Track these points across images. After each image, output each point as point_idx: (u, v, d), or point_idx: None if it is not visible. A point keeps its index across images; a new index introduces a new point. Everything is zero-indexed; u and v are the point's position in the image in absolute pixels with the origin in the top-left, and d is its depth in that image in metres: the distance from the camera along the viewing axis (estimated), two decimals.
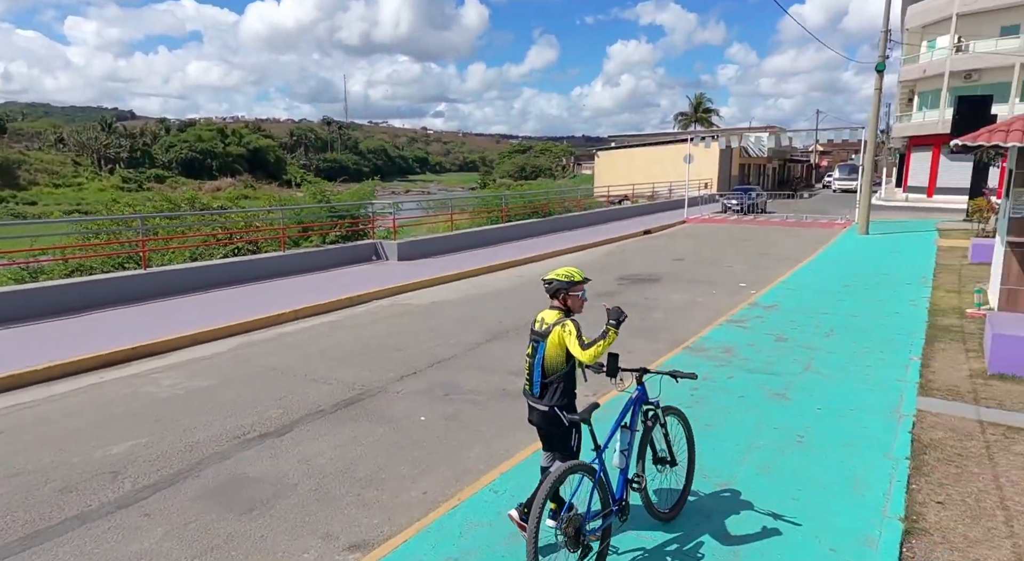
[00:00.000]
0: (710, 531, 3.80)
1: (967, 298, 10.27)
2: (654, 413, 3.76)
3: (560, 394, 3.46)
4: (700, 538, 3.73)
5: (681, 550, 3.64)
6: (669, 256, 17.10)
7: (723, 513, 4.00)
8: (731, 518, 3.93)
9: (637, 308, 10.58)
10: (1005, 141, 7.88)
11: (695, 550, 3.62)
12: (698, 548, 3.64)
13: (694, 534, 3.78)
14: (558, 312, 3.53)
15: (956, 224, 23.66)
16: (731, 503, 4.12)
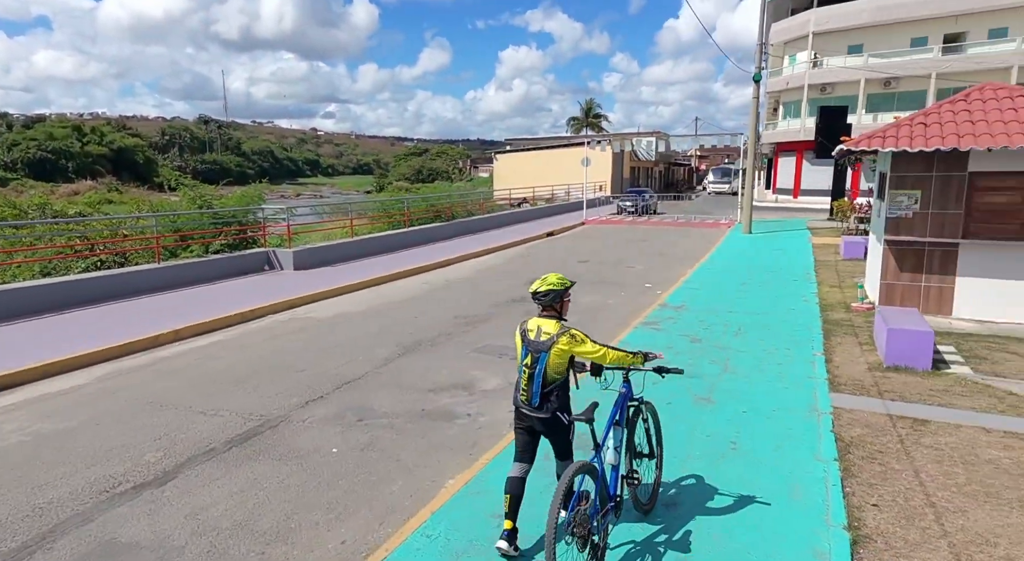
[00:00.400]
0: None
1: (849, 292, 11.09)
2: (636, 408, 3.88)
3: (558, 399, 3.50)
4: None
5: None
6: (574, 258, 17.24)
7: (670, 535, 3.80)
8: (680, 540, 3.73)
9: None
10: (883, 147, 8.50)
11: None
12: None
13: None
14: (555, 321, 3.56)
15: (822, 223, 25.99)
16: (677, 525, 3.93)
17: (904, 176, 8.98)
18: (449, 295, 12.17)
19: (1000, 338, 7.86)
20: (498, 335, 9.04)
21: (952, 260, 8.84)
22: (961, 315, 8.86)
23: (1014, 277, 8.50)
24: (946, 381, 6.30)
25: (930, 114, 8.89)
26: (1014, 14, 36.67)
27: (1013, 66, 36.06)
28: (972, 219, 8.69)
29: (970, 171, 8.59)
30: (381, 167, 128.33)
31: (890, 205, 9.11)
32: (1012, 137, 7.88)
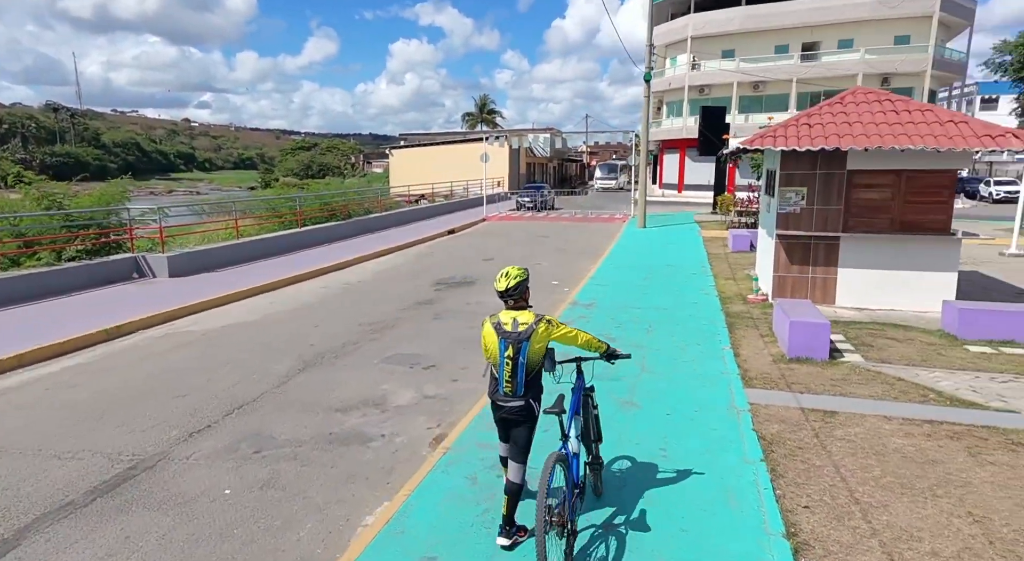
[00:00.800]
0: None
1: (743, 284, 11.66)
2: (587, 396, 4.04)
3: (535, 387, 3.65)
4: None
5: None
6: (478, 256, 16.93)
7: (612, 556, 3.58)
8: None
9: (462, 316, 10.02)
10: (775, 146, 8.90)
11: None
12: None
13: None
14: (528, 311, 3.68)
15: (707, 216, 27.58)
16: (617, 546, 3.72)
17: (792, 174, 9.50)
18: (351, 299, 11.41)
19: (879, 324, 8.51)
20: (408, 342, 8.52)
21: (834, 252, 9.49)
22: (843, 304, 9.54)
23: (885, 267, 9.26)
24: (843, 370, 6.65)
25: (812, 115, 9.46)
26: (858, 27, 40.96)
27: (858, 74, 40.28)
28: (850, 214, 9.36)
29: (848, 169, 9.23)
30: (266, 162, 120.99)
31: (780, 201, 9.61)
32: (884, 138, 8.53)
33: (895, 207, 9.15)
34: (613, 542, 3.76)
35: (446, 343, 8.47)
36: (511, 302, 3.69)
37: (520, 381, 3.55)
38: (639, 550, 3.67)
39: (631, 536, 3.81)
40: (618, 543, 3.74)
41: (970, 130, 8.35)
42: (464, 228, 24.77)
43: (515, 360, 3.53)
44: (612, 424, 5.42)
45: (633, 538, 3.79)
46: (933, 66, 39.19)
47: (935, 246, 9.01)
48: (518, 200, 32.88)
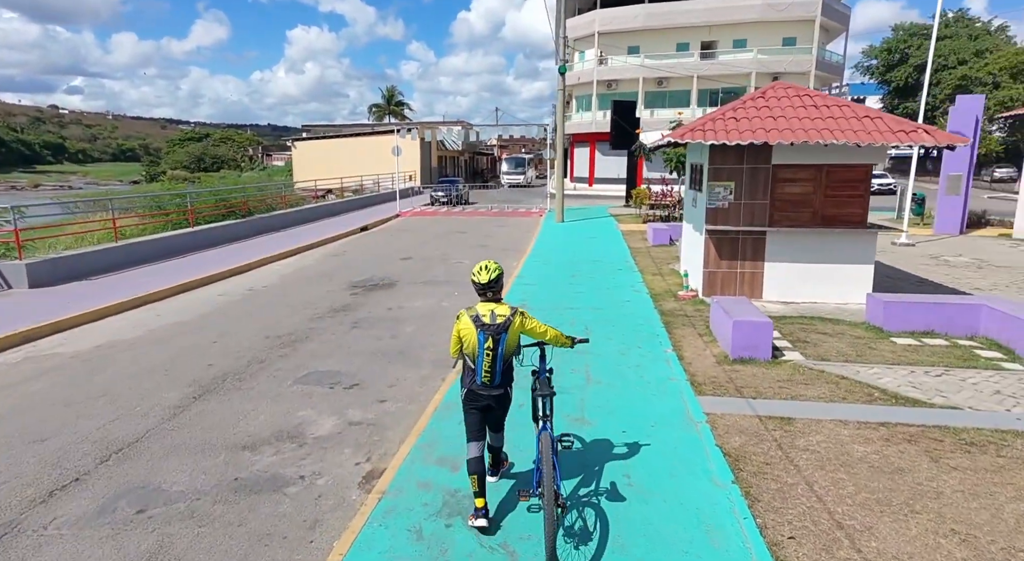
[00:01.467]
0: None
1: (671, 280, 11.59)
2: (549, 379, 3.98)
3: (510, 375, 3.87)
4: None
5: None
6: (396, 255, 15.98)
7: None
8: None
9: (385, 323, 9.17)
10: (705, 139, 8.74)
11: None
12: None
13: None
14: (503, 304, 3.83)
15: (621, 209, 27.95)
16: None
17: (720, 168, 9.42)
18: (256, 307, 10.21)
19: (807, 318, 8.59)
20: (325, 357, 7.60)
21: (761, 247, 9.52)
22: (770, 298, 9.61)
23: (808, 261, 9.40)
24: (786, 370, 6.53)
25: (738, 109, 9.42)
26: (750, 28, 43.21)
27: (752, 72, 42.54)
28: (776, 209, 9.41)
29: (773, 164, 9.26)
30: (151, 153, 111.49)
31: (708, 196, 9.51)
32: (809, 133, 8.58)
33: (816, 201, 9.29)
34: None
35: (369, 356, 7.63)
36: (490, 294, 3.81)
37: (498, 370, 3.74)
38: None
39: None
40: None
41: (885, 126, 8.57)
42: (377, 225, 23.57)
43: (495, 351, 3.67)
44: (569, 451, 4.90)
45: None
46: (816, 67, 42.06)
47: (853, 239, 9.24)
48: (432, 195, 31.91)
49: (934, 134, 8.35)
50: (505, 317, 3.68)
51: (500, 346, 3.67)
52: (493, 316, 3.69)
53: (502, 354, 3.70)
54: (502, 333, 3.65)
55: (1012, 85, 46.86)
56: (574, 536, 3.74)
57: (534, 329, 3.82)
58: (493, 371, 3.71)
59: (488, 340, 3.65)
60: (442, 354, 7.72)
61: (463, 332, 3.75)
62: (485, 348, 3.66)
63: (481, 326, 3.67)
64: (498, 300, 3.83)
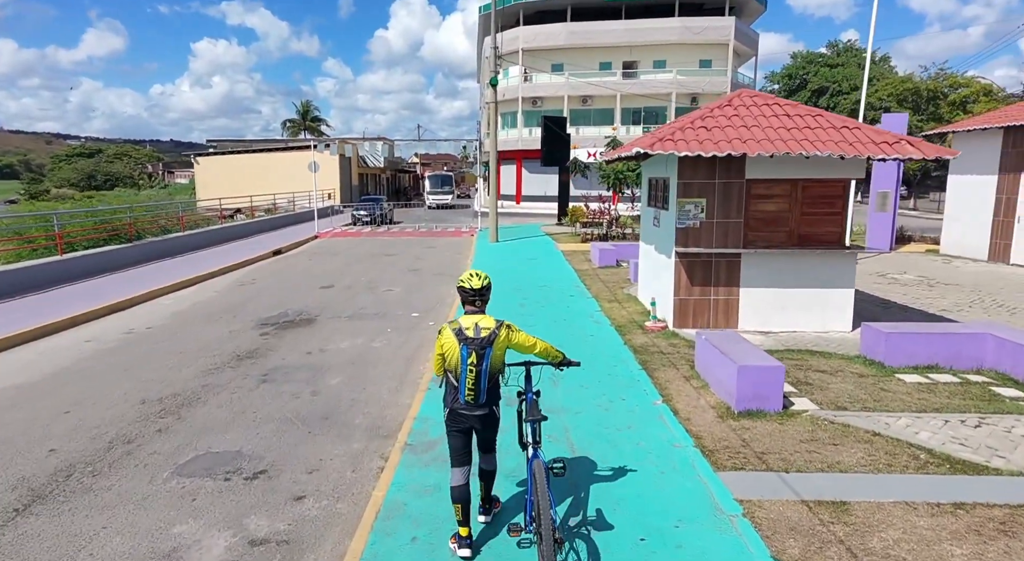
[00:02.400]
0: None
1: (630, 307, 10.46)
2: (535, 402, 3.71)
3: (495, 394, 3.61)
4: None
5: None
6: (315, 282, 14.02)
7: None
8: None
9: (303, 374, 7.40)
10: (677, 150, 7.68)
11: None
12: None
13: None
14: (489, 316, 3.56)
15: (554, 228, 26.99)
16: None
17: (690, 183, 8.40)
18: (132, 360, 8.10)
19: (795, 352, 7.63)
20: (221, 428, 5.77)
21: (736, 270, 8.56)
22: (747, 327, 8.64)
23: (785, 285, 8.53)
24: (804, 425, 5.42)
25: (706, 118, 8.46)
26: (669, 49, 44.23)
27: (672, 92, 43.47)
28: (750, 228, 8.49)
29: (747, 178, 8.35)
30: (33, 170, 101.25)
31: (679, 214, 8.46)
32: (788, 144, 7.72)
33: (792, 219, 8.45)
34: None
35: (281, 425, 5.88)
36: (479, 303, 3.59)
37: (483, 389, 3.49)
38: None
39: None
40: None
41: (866, 136, 7.85)
42: (293, 247, 21.33)
43: (478, 367, 3.44)
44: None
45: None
46: (731, 89, 43.53)
47: (831, 261, 8.45)
48: (354, 214, 29.82)
49: (919, 146, 7.69)
50: (490, 330, 3.45)
51: (485, 362, 3.43)
52: (477, 330, 3.45)
53: (487, 370, 3.45)
54: (487, 347, 3.42)
55: (900, 109, 50.75)
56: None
57: (522, 343, 3.59)
58: (477, 389, 3.47)
59: (472, 355, 3.41)
60: (380, 418, 6.08)
61: (445, 347, 3.51)
62: (468, 364, 3.42)
63: (464, 340, 3.43)
64: (482, 311, 3.57)
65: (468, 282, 3.58)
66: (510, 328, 3.53)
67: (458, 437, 3.60)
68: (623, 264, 15.20)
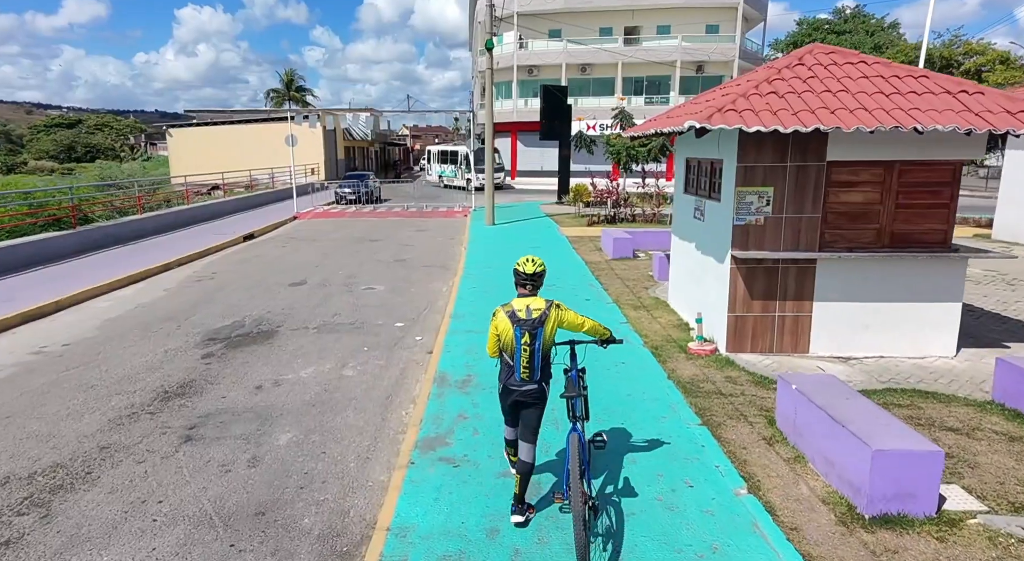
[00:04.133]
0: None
1: (660, 316, 8.56)
2: (581, 377, 3.93)
3: (547, 371, 3.77)
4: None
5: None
6: (284, 278, 12.02)
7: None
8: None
9: (243, 424, 5.49)
10: (747, 124, 5.69)
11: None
12: None
13: None
14: (540, 298, 3.72)
15: (554, 207, 24.84)
16: None
17: (754, 167, 6.42)
18: (20, 399, 6.13)
19: (897, 392, 5.78)
20: (104, 539, 3.85)
21: (808, 280, 6.65)
22: (820, 351, 6.78)
23: (870, 297, 6.64)
24: (979, 545, 3.59)
25: (773, 80, 6.46)
26: (673, 13, 41.52)
27: (676, 60, 40.97)
28: (828, 225, 6.56)
29: (829, 160, 6.38)
30: (13, 141, 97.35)
31: (738, 207, 6.51)
32: (893, 114, 5.75)
33: (884, 213, 6.52)
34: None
35: (192, 530, 3.97)
36: (529, 287, 3.73)
37: (536, 366, 3.66)
38: None
39: None
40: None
41: (996, 104, 5.88)
42: (268, 230, 19.23)
43: (532, 346, 3.61)
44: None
45: None
46: (739, 56, 41.07)
47: (934, 267, 6.55)
48: (337, 192, 27.56)
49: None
50: (541, 311, 3.63)
51: (537, 341, 3.61)
52: (529, 311, 3.63)
53: (539, 349, 3.64)
54: (538, 328, 3.61)
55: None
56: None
57: (572, 321, 3.74)
58: (531, 367, 3.65)
59: (525, 335, 3.60)
60: (338, 517, 4.19)
61: (500, 329, 3.70)
62: (523, 344, 3.61)
63: (517, 322, 3.62)
64: (534, 294, 3.73)
65: (523, 267, 3.72)
66: (559, 307, 3.71)
67: (509, 409, 3.88)
68: (640, 255, 13.28)
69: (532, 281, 3.70)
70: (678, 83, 41.76)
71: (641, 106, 39.47)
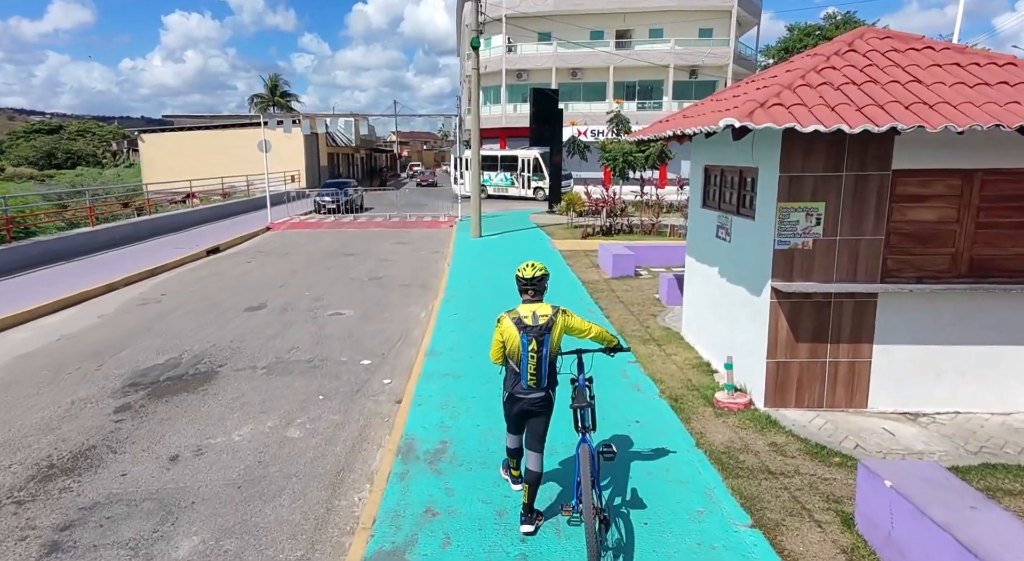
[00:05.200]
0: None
1: (677, 352, 7.22)
2: (588, 386, 3.84)
3: (553, 378, 3.71)
4: None
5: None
6: (241, 300, 10.57)
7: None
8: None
9: (135, 523, 4.04)
10: (800, 123, 4.38)
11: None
12: None
13: None
14: (546, 303, 3.70)
15: (544, 216, 23.51)
16: None
17: (801, 178, 5.11)
18: None
19: (1002, 469, 4.47)
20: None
21: (868, 317, 5.34)
22: (881, 406, 5.46)
23: (943, 339, 5.35)
24: None
25: (824, 69, 5.17)
26: (666, 16, 40.53)
27: (670, 65, 39.97)
28: (891, 249, 5.26)
29: (895, 169, 5.09)
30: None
31: (780, 228, 5.19)
32: (985, 109, 4.48)
33: (960, 234, 5.23)
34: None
35: None
36: (531, 292, 3.70)
37: (544, 373, 3.61)
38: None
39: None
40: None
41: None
42: (236, 242, 17.75)
43: (539, 353, 3.57)
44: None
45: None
46: (734, 60, 40.16)
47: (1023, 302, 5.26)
48: (316, 200, 26.08)
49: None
50: (548, 317, 3.60)
51: (544, 347, 3.58)
52: (535, 317, 3.60)
53: (547, 356, 3.60)
54: (545, 334, 3.58)
55: None
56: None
57: (578, 327, 3.73)
58: (539, 374, 3.61)
59: (532, 342, 3.56)
60: None
61: (506, 336, 3.65)
62: (529, 351, 3.57)
63: (524, 328, 3.58)
64: (539, 299, 3.71)
65: (523, 272, 3.71)
66: (566, 313, 3.68)
67: (513, 418, 3.81)
68: (643, 273, 11.97)
69: (533, 285, 3.68)
70: (671, 88, 40.77)
71: (633, 111, 38.29)
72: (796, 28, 63.00)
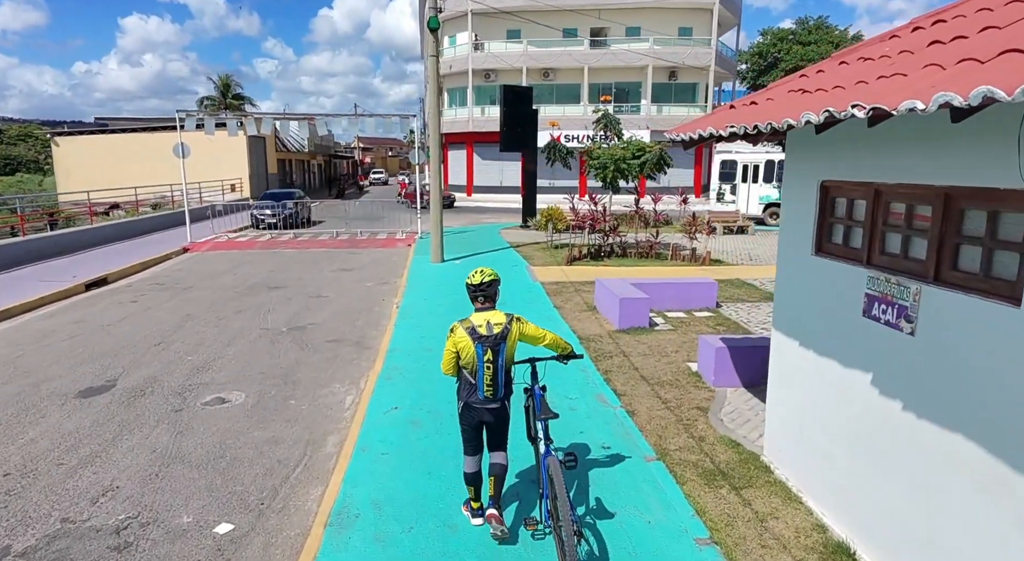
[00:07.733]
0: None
1: (766, 506, 4.11)
2: (543, 396, 3.76)
3: (509, 387, 3.67)
4: None
5: None
6: (82, 375, 7.05)
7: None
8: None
9: None
10: None
11: None
12: None
13: None
14: (499, 311, 3.65)
15: (519, 233, 20.36)
16: None
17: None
18: None
19: None
20: None
21: None
22: None
23: None
24: None
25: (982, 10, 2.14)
26: (643, 14, 37.98)
27: (648, 65, 37.40)
28: None
29: None
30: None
31: None
32: None
33: None
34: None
35: None
36: (482, 300, 3.63)
37: (500, 383, 3.58)
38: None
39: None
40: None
41: None
42: (135, 270, 14.13)
43: (495, 363, 3.52)
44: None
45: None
46: (715, 61, 37.85)
47: None
48: (255, 214, 22.39)
49: None
50: (502, 326, 3.55)
51: (500, 357, 3.53)
52: (490, 326, 3.53)
53: (503, 365, 3.57)
54: (501, 343, 3.52)
55: None
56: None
57: (532, 334, 3.66)
58: (496, 384, 3.56)
59: (487, 352, 3.51)
60: None
61: (460, 346, 3.57)
62: (485, 361, 3.51)
63: (478, 338, 3.51)
64: (492, 307, 3.65)
65: (471, 278, 3.64)
66: (520, 321, 3.61)
67: (470, 431, 3.73)
68: (658, 322, 8.86)
69: (483, 291, 3.61)
70: (650, 90, 38.27)
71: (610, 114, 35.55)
72: (769, 33, 61.67)
